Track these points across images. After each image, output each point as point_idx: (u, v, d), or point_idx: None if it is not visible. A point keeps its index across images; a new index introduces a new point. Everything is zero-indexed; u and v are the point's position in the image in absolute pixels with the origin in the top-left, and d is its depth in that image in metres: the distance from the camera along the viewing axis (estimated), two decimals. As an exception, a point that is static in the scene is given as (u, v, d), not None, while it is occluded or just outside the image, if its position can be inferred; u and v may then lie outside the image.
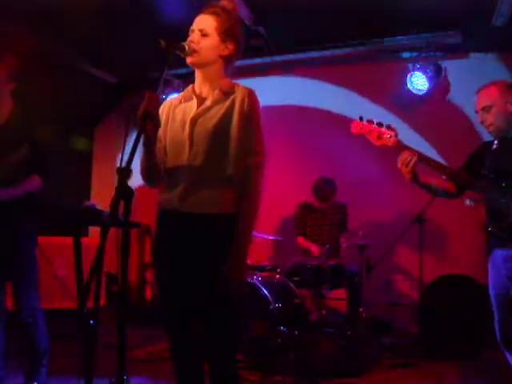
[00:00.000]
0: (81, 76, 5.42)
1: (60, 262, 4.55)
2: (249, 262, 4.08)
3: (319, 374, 3.44)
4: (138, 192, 1.76)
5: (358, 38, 4.93)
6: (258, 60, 5.22)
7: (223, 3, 2.03)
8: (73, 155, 5.74)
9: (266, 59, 5.27)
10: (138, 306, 5.56)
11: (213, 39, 1.95)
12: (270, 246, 5.31)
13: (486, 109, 2.55)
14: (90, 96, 5.65)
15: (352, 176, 4.99)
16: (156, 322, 2.11)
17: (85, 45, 4.90)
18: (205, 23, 1.96)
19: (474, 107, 2.65)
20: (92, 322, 1.47)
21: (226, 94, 1.97)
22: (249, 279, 3.74)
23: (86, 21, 4.33)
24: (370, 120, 2.50)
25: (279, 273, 4.15)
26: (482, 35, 4.54)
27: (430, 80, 4.78)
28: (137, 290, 5.64)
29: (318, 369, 3.51)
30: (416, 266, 4.26)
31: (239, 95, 1.95)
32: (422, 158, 2.43)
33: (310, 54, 5.22)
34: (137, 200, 1.64)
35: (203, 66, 1.99)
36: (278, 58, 5.29)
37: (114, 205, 1.50)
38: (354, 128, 2.52)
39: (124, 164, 1.55)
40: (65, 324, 3.51)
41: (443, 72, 4.86)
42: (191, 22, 2.01)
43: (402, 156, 2.42)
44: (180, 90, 5.32)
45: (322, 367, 3.54)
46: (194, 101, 2.01)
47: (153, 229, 2.10)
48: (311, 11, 4.34)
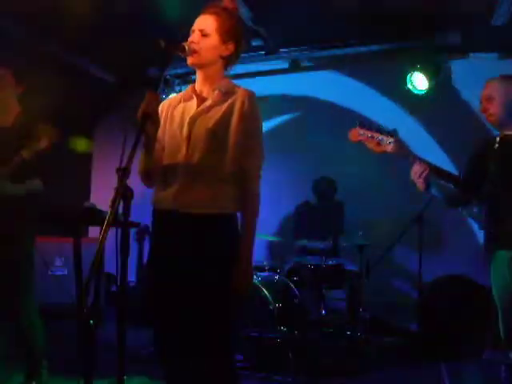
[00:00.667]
0: (81, 76, 5.42)
1: (60, 262, 4.55)
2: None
3: (319, 374, 3.44)
4: (139, 192, 1.76)
5: (358, 38, 4.93)
6: (257, 59, 5.22)
7: (224, 4, 2.03)
8: (73, 155, 5.74)
9: (266, 58, 5.27)
10: (138, 306, 5.54)
11: (213, 40, 1.95)
12: (270, 246, 5.31)
13: (489, 99, 2.55)
14: (90, 96, 5.65)
15: (352, 176, 4.99)
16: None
17: (85, 45, 4.90)
18: (205, 23, 1.96)
19: (480, 98, 2.62)
20: (92, 321, 1.47)
21: (226, 94, 1.97)
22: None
23: (86, 21, 4.33)
24: (369, 125, 2.42)
25: (279, 273, 4.15)
26: (482, 35, 4.54)
27: (430, 80, 4.78)
28: (137, 290, 5.63)
29: (317, 369, 3.51)
30: (416, 266, 4.26)
31: (239, 97, 1.95)
32: (432, 169, 2.39)
33: (310, 54, 5.22)
34: (137, 200, 1.64)
35: (203, 66, 1.99)
36: (277, 57, 5.29)
37: (114, 205, 1.50)
38: (352, 135, 2.45)
39: (124, 164, 1.55)
40: (65, 324, 3.51)
41: (443, 72, 4.86)
42: (192, 22, 2.01)
43: (414, 168, 2.39)
44: (180, 90, 5.32)
45: (322, 367, 3.54)
46: (194, 100, 2.00)
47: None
48: (311, 11, 4.35)
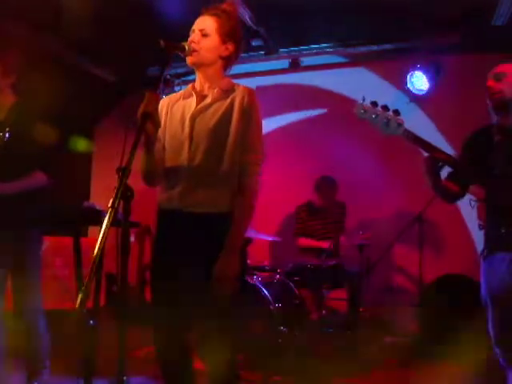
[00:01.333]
0: (81, 76, 5.42)
1: (60, 262, 4.55)
2: (249, 262, 4.09)
3: (319, 374, 3.44)
4: (139, 192, 1.76)
5: (357, 38, 4.93)
6: (257, 59, 5.22)
7: (224, 5, 2.04)
8: (73, 155, 5.74)
9: (266, 58, 5.27)
10: (138, 306, 5.55)
11: (213, 40, 1.96)
12: (270, 247, 5.31)
13: (498, 76, 2.44)
14: (89, 96, 5.65)
15: (352, 176, 4.99)
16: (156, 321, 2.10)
17: (85, 45, 4.90)
18: (205, 24, 1.97)
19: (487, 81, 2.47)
20: (92, 321, 1.47)
21: (226, 92, 1.97)
22: (249, 280, 3.74)
23: (86, 21, 4.33)
24: (374, 102, 2.15)
25: (279, 273, 4.15)
26: (482, 35, 4.54)
27: (430, 80, 4.78)
28: (137, 290, 5.63)
29: (318, 369, 3.51)
30: (416, 265, 4.26)
31: (239, 94, 1.96)
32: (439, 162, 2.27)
33: (310, 53, 5.22)
34: (137, 200, 1.64)
35: (203, 66, 2.00)
36: (277, 57, 5.29)
37: (114, 205, 1.50)
38: (357, 110, 2.17)
39: (124, 164, 1.55)
40: (65, 324, 3.51)
41: (443, 72, 4.86)
42: (192, 23, 2.01)
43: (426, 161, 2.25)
44: (180, 89, 5.32)
45: (322, 367, 3.54)
46: (194, 98, 2.01)
47: (153, 229, 2.09)
48: (311, 12, 4.35)
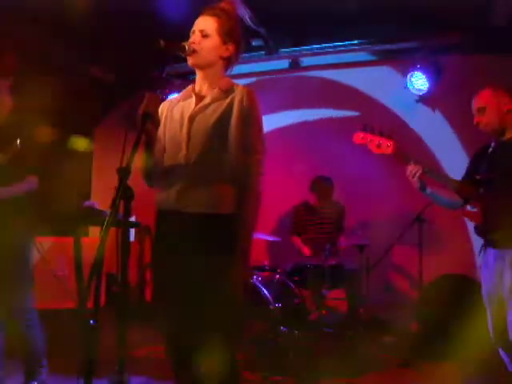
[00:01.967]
0: (81, 76, 5.42)
1: (60, 262, 4.55)
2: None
3: (319, 374, 3.44)
4: (139, 192, 1.76)
5: (357, 38, 4.93)
6: (257, 59, 5.22)
7: (224, 5, 2.04)
8: (73, 155, 5.74)
9: (266, 59, 5.27)
10: (138, 306, 5.56)
11: (213, 40, 1.96)
12: (270, 246, 5.31)
13: (481, 110, 2.64)
14: (90, 96, 5.65)
15: (352, 176, 4.99)
16: (156, 322, 2.11)
17: (85, 45, 4.90)
18: (205, 24, 1.97)
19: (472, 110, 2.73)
20: (92, 321, 1.47)
21: (226, 92, 1.97)
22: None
23: (86, 21, 4.33)
24: (371, 129, 2.60)
25: (279, 273, 4.14)
26: (482, 35, 4.54)
27: (429, 80, 4.78)
28: (137, 290, 5.63)
29: (317, 369, 3.51)
30: (416, 265, 4.26)
31: (238, 94, 1.95)
32: (425, 169, 2.54)
33: (310, 53, 5.22)
34: (137, 200, 1.64)
35: (203, 66, 2.00)
36: (277, 57, 5.29)
37: (114, 205, 1.50)
38: (355, 138, 2.64)
39: (124, 164, 1.55)
40: (65, 324, 3.51)
41: (443, 72, 4.86)
42: (192, 23, 2.01)
43: (409, 168, 2.55)
44: (180, 89, 5.32)
45: (322, 367, 3.54)
46: (193, 99, 2.01)
47: (153, 229, 2.09)
48: (310, 11, 4.34)
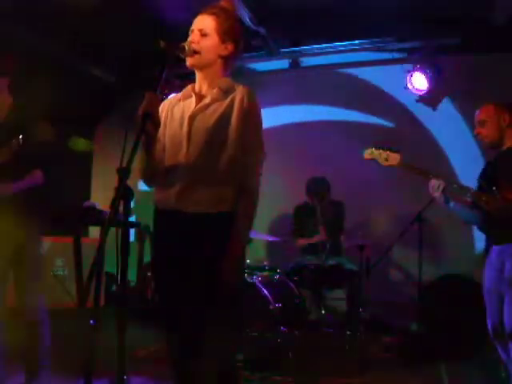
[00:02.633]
0: (81, 76, 5.42)
1: (60, 262, 4.55)
2: (249, 262, 4.09)
3: (319, 374, 3.44)
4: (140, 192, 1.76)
5: (357, 38, 4.93)
6: (257, 60, 5.22)
7: (222, 3, 2.03)
8: (73, 155, 5.74)
9: (266, 59, 5.27)
10: (138, 305, 5.55)
11: (212, 39, 1.95)
12: (270, 246, 5.31)
13: (482, 123, 2.81)
14: (89, 96, 5.65)
15: (352, 176, 4.99)
16: (156, 321, 2.11)
17: (85, 45, 4.90)
18: (204, 23, 1.96)
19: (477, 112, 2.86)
20: (92, 321, 1.47)
21: (226, 92, 1.97)
22: (249, 279, 3.74)
23: (86, 21, 4.33)
24: (380, 145, 2.88)
25: (279, 273, 4.14)
26: (482, 35, 4.54)
27: (429, 80, 4.78)
28: (137, 290, 5.63)
29: (317, 369, 3.51)
30: (415, 265, 4.26)
31: (239, 94, 1.95)
32: (448, 183, 2.68)
33: (310, 53, 5.22)
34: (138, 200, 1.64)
35: (203, 66, 1.99)
36: (277, 58, 5.29)
37: (114, 205, 1.50)
38: (366, 155, 2.92)
39: (124, 164, 1.55)
40: (65, 324, 3.51)
41: (443, 72, 4.87)
42: (191, 22, 2.01)
43: (431, 183, 2.70)
44: (180, 90, 5.32)
45: (322, 367, 3.54)
46: (193, 98, 2.01)
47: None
48: (310, 11, 4.35)
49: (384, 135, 5.04)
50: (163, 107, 2.07)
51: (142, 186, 2.10)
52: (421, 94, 4.90)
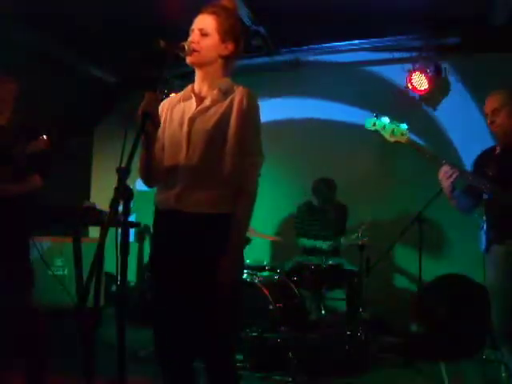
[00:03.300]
0: (81, 76, 5.42)
1: (60, 262, 4.55)
2: (249, 262, 4.09)
3: (319, 374, 3.44)
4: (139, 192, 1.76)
5: (357, 38, 4.93)
6: (257, 60, 5.21)
7: (223, 2, 2.03)
8: (73, 155, 5.74)
9: (266, 59, 5.26)
10: (138, 305, 5.55)
11: (212, 39, 1.95)
12: (270, 246, 5.31)
13: (496, 111, 2.67)
14: (89, 96, 5.65)
15: (352, 176, 4.99)
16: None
17: (85, 45, 4.90)
18: (204, 23, 1.96)
19: (484, 110, 2.75)
20: (92, 322, 1.47)
21: (225, 93, 1.96)
22: (249, 279, 3.74)
23: (86, 21, 4.34)
24: (383, 117, 2.66)
25: (279, 273, 4.14)
26: (482, 35, 4.54)
27: (430, 80, 4.78)
28: (137, 290, 5.63)
29: (318, 369, 3.51)
30: (415, 265, 4.26)
31: (238, 95, 1.94)
32: (461, 172, 2.52)
33: (310, 53, 5.22)
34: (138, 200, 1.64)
35: (203, 65, 1.99)
36: (277, 58, 5.28)
37: (114, 205, 1.50)
38: (368, 124, 2.68)
39: (123, 164, 1.55)
40: (65, 324, 3.51)
41: (443, 72, 4.86)
42: (191, 22, 2.01)
43: (444, 168, 2.51)
44: (179, 90, 5.32)
45: (322, 367, 3.54)
46: (193, 100, 2.00)
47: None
48: (311, 11, 4.35)
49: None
50: (163, 107, 2.07)
51: (141, 186, 2.09)
52: (421, 93, 4.90)
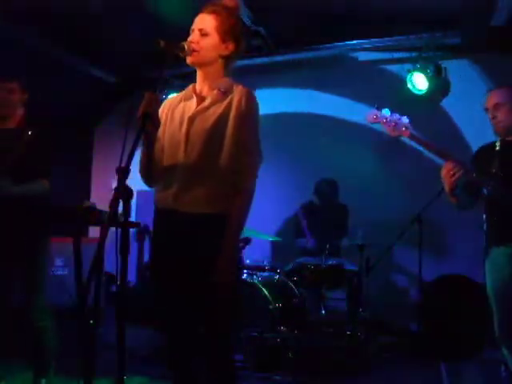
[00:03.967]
0: (81, 76, 5.42)
1: (60, 262, 4.55)
2: (249, 262, 4.10)
3: (319, 374, 3.44)
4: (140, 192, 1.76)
5: (357, 38, 4.93)
6: (257, 60, 5.21)
7: (224, 2, 2.02)
8: (73, 155, 5.74)
9: (266, 59, 5.26)
10: (138, 305, 5.54)
11: (212, 39, 1.95)
12: (270, 247, 5.31)
13: (498, 106, 2.59)
14: (89, 96, 5.65)
15: (352, 176, 4.99)
16: (155, 321, 2.12)
17: (85, 45, 4.90)
18: (205, 23, 1.96)
19: (484, 105, 2.66)
20: (92, 321, 1.47)
21: (225, 93, 1.96)
22: (249, 279, 3.74)
23: (86, 21, 4.33)
24: (384, 110, 2.56)
25: (279, 273, 4.14)
26: (482, 35, 4.54)
27: (430, 80, 4.78)
28: (137, 290, 5.62)
29: (317, 369, 3.51)
30: (415, 265, 4.26)
31: (237, 95, 1.94)
32: (466, 170, 2.41)
33: (310, 53, 5.22)
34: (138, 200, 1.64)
35: (203, 65, 1.99)
36: (277, 58, 5.28)
37: (114, 205, 1.50)
38: (369, 117, 2.57)
39: (124, 164, 1.55)
40: (65, 324, 3.51)
41: (443, 72, 4.86)
42: (192, 22, 2.01)
43: (447, 166, 2.41)
44: (180, 89, 5.32)
45: (322, 367, 3.54)
46: (194, 100, 2.01)
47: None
48: (311, 11, 4.35)
49: (384, 137, 5.03)
50: (163, 107, 2.07)
51: (141, 187, 2.09)
52: (421, 93, 4.90)
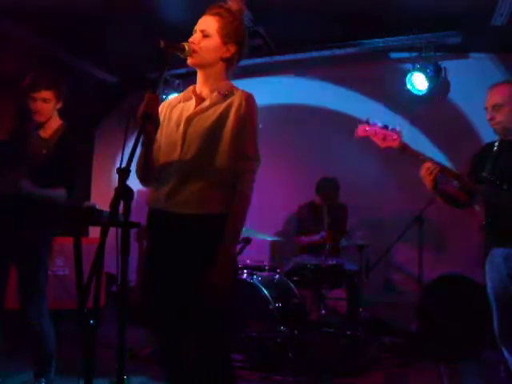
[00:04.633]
0: (81, 76, 5.42)
1: (60, 262, 4.55)
2: (249, 262, 4.10)
3: (319, 374, 3.44)
4: (140, 192, 1.76)
5: (358, 38, 4.92)
6: (258, 60, 5.21)
7: (230, 4, 2.01)
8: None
9: (266, 59, 5.26)
10: (138, 305, 5.54)
11: (214, 41, 1.94)
12: (270, 247, 5.31)
13: (497, 107, 2.58)
14: (90, 96, 5.65)
15: (352, 176, 4.99)
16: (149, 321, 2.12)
17: (85, 45, 4.90)
18: (207, 24, 1.95)
19: (484, 103, 2.66)
20: (92, 321, 1.47)
21: (225, 96, 1.96)
22: (249, 279, 3.74)
23: (86, 21, 4.33)
24: (375, 122, 2.59)
25: (279, 273, 4.15)
26: (482, 35, 4.54)
27: (430, 80, 4.78)
28: (137, 290, 5.63)
29: (318, 369, 3.51)
30: (416, 265, 4.26)
31: (237, 98, 1.94)
32: (442, 168, 2.50)
33: (310, 54, 5.22)
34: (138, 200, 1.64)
35: (203, 66, 1.99)
36: (278, 58, 5.28)
37: (114, 205, 1.50)
38: (359, 131, 2.61)
39: (124, 164, 1.55)
40: (65, 324, 3.51)
41: (443, 72, 4.86)
42: (194, 23, 2.00)
43: (426, 165, 2.50)
44: (180, 90, 5.32)
45: (322, 367, 3.54)
46: (193, 101, 2.00)
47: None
48: (311, 11, 4.34)
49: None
50: (163, 107, 2.07)
51: (142, 186, 2.09)
52: (421, 94, 4.90)
